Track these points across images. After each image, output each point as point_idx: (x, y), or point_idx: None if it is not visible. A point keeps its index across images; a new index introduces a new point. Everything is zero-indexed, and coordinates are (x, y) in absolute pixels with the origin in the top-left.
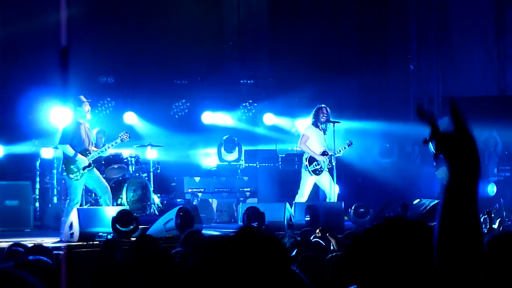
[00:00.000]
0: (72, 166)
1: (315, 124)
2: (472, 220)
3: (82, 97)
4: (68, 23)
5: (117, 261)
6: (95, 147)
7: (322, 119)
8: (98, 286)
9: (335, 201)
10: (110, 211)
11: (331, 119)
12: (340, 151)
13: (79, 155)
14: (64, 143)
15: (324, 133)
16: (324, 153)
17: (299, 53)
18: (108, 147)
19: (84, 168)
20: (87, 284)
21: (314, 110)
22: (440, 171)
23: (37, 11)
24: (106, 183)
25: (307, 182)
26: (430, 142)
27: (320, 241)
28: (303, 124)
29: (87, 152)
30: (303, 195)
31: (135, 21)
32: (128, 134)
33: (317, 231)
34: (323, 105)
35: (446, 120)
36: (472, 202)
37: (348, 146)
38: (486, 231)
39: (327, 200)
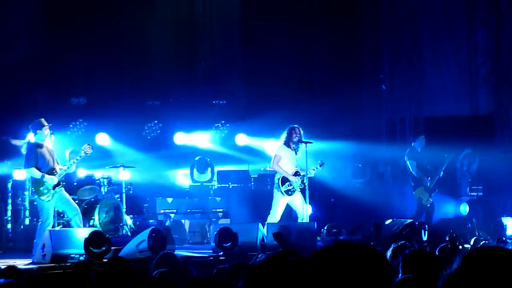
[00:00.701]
0: (41, 188)
1: (287, 144)
2: None
3: (43, 121)
4: (39, 44)
5: (91, 281)
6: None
7: (294, 139)
8: None
9: (307, 221)
10: (82, 233)
11: (303, 139)
12: (312, 171)
13: (46, 176)
14: (29, 166)
15: (296, 153)
16: (296, 173)
17: (272, 73)
18: (74, 162)
19: (54, 187)
20: None
21: (286, 130)
22: (417, 191)
23: (11, 32)
24: (75, 205)
25: (279, 203)
26: (408, 161)
27: None
28: (274, 144)
29: (54, 171)
30: (275, 216)
31: (107, 41)
32: (90, 146)
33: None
34: (295, 125)
35: (422, 139)
36: None
37: (320, 166)
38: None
39: (299, 221)
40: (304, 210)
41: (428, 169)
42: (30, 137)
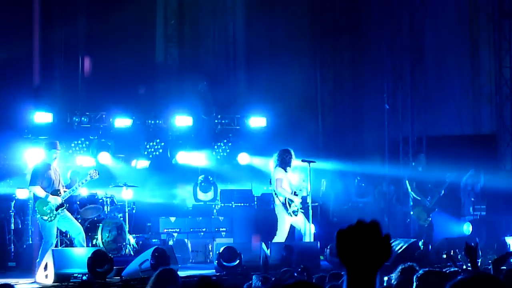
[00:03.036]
0: (45, 208)
1: (283, 166)
2: None
3: (57, 144)
4: (41, 63)
5: None
6: (67, 188)
7: (290, 162)
8: None
9: (311, 240)
10: (84, 252)
11: (307, 159)
12: (304, 192)
13: (50, 196)
14: (34, 185)
15: (287, 172)
16: (295, 194)
17: (274, 92)
18: (79, 185)
19: (57, 209)
20: None
21: (280, 153)
22: (415, 211)
23: (10, 50)
24: (78, 224)
25: (286, 224)
26: (408, 181)
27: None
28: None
29: (58, 193)
30: (283, 237)
31: (107, 59)
32: (97, 171)
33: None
34: (288, 148)
35: (422, 158)
36: None
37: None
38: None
39: (304, 239)
40: (306, 228)
41: (429, 188)
42: (41, 155)
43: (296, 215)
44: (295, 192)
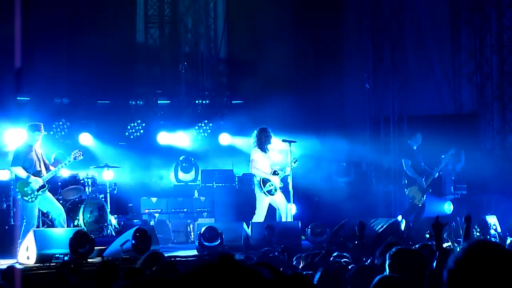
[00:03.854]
0: (26, 188)
1: (260, 146)
2: None
3: (41, 127)
4: (23, 45)
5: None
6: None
7: (266, 141)
8: None
9: (291, 219)
10: (66, 233)
11: (287, 139)
12: (287, 169)
13: (32, 177)
14: (16, 165)
15: (266, 152)
16: (274, 173)
17: (255, 71)
18: (62, 166)
19: (38, 190)
20: None
21: (256, 133)
22: (411, 190)
23: None
24: (59, 205)
25: (263, 203)
26: (403, 159)
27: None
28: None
29: (40, 174)
30: (261, 216)
31: (90, 41)
32: (81, 152)
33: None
34: (264, 127)
35: (418, 136)
36: None
37: (294, 163)
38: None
39: (283, 219)
40: (286, 208)
41: (423, 168)
42: (22, 136)
43: (272, 195)
44: (275, 172)
